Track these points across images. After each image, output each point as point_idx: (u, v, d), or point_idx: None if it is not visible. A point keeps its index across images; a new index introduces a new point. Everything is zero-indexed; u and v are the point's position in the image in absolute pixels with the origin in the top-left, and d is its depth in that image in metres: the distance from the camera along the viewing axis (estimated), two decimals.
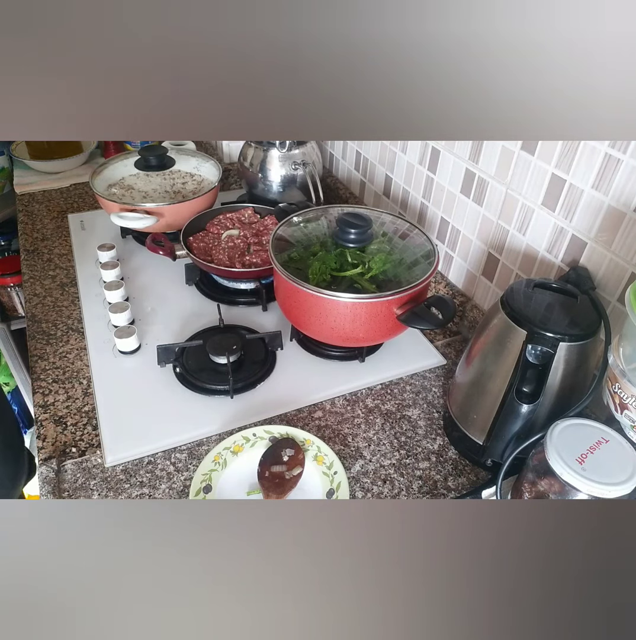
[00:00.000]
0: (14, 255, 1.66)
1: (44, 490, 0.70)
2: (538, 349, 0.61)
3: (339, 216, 0.84)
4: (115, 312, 0.92)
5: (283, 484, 0.69)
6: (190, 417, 0.80)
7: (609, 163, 0.64)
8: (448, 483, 0.73)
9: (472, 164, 0.87)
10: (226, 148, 1.46)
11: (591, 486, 0.50)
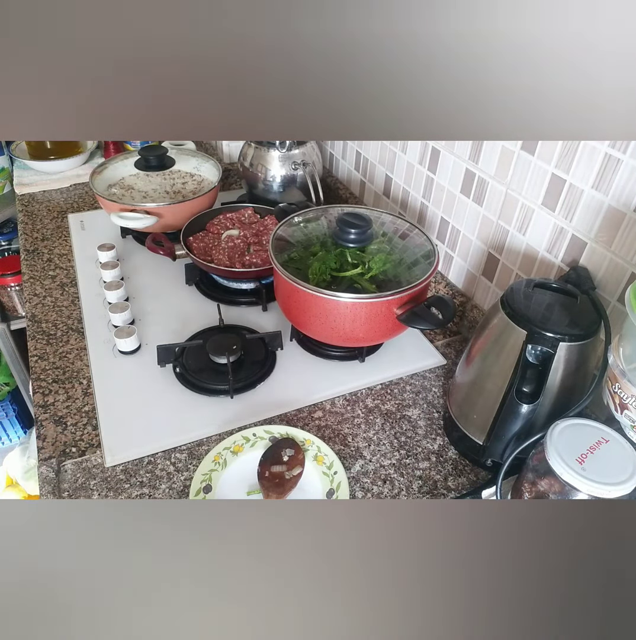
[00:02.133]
0: (14, 255, 1.66)
1: (44, 490, 0.70)
2: (538, 349, 0.61)
3: (339, 216, 0.84)
4: (115, 312, 0.92)
5: (283, 484, 0.69)
6: (190, 417, 0.80)
7: (609, 163, 0.64)
8: (448, 483, 0.73)
9: (472, 164, 0.87)
10: (226, 148, 1.46)
11: (591, 486, 0.50)
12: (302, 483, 0.70)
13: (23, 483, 1.55)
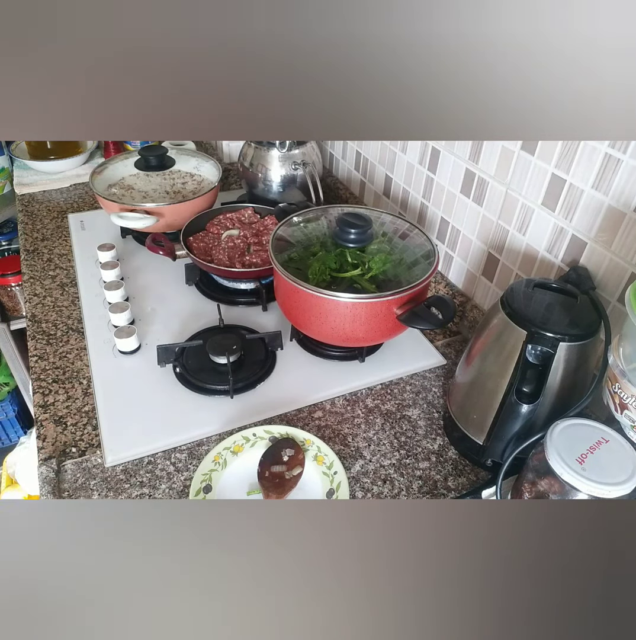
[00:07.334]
0: (14, 255, 1.66)
1: (44, 490, 0.69)
2: (538, 349, 0.61)
3: (339, 216, 0.84)
4: (115, 312, 0.92)
5: (283, 484, 0.69)
6: (190, 417, 0.80)
7: (609, 163, 0.64)
8: (448, 483, 0.73)
9: (472, 164, 0.87)
10: (226, 148, 1.46)
11: (591, 486, 0.50)
12: (302, 483, 0.70)
13: (23, 483, 1.55)
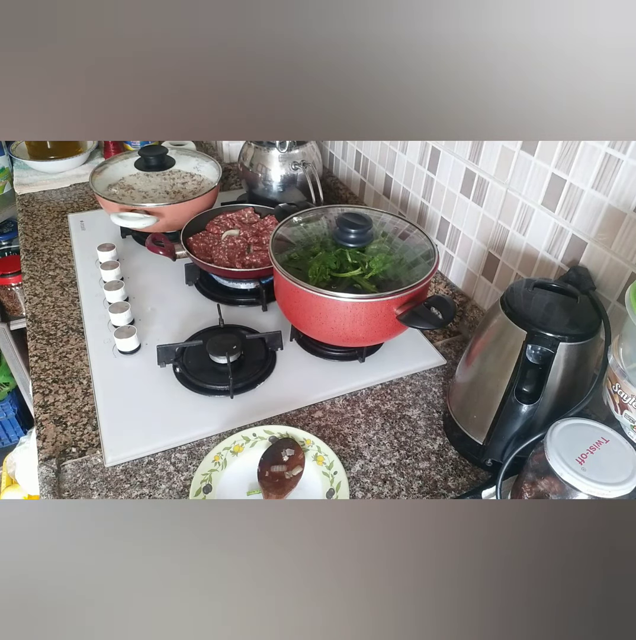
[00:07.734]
0: (14, 255, 1.66)
1: (44, 490, 0.69)
2: (538, 349, 0.61)
3: (339, 216, 0.84)
4: (115, 312, 0.92)
5: (283, 484, 0.69)
6: (190, 417, 0.80)
7: (609, 163, 0.64)
8: (448, 483, 0.73)
9: (472, 164, 0.87)
10: (226, 148, 1.46)
11: (591, 486, 0.50)
12: (302, 483, 0.70)
13: (23, 483, 1.55)
